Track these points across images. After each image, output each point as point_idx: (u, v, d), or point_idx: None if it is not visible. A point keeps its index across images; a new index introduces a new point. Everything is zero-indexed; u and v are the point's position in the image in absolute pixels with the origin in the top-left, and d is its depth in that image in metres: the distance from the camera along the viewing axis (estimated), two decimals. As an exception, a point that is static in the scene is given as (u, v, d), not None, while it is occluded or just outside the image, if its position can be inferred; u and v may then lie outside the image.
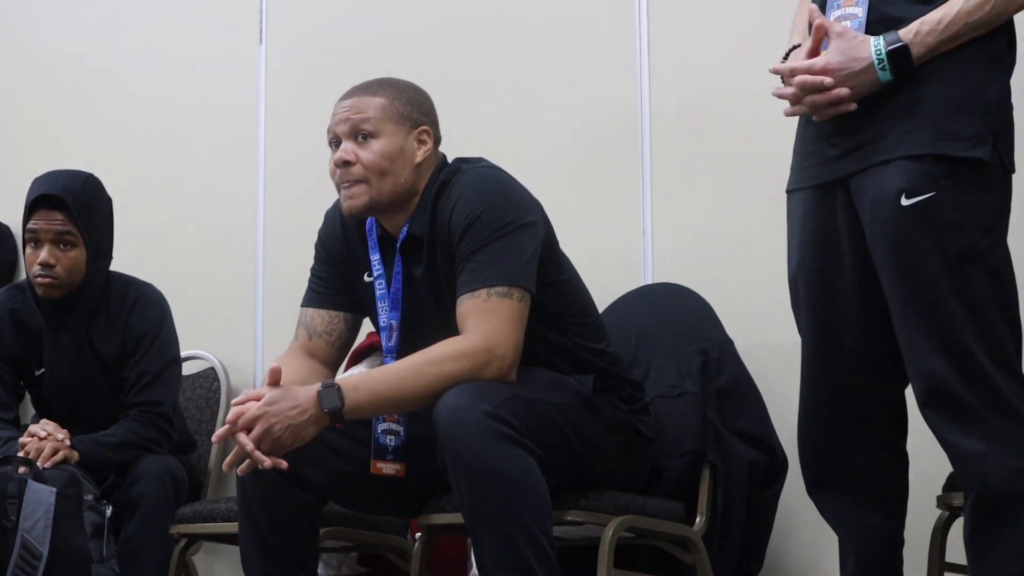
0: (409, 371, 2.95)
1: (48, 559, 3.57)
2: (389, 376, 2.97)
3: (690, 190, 4.11)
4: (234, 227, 4.82)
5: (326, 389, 2.90)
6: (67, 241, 3.87)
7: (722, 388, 3.58)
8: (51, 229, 3.86)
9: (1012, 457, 2.72)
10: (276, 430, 2.87)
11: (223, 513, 3.66)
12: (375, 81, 3.21)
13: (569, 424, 3.04)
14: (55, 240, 3.87)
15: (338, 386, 2.90)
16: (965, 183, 2.75)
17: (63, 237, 3.87)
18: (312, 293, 3.28)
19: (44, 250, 3.86)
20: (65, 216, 3.86)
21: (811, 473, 3.02)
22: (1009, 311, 2.79)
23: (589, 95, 4.30)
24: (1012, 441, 2.73)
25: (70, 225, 3.87)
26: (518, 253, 3.03)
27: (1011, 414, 2.73)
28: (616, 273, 4.04)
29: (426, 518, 3.20)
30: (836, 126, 2.86)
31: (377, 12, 4.71)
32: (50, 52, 5.28)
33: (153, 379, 3.95)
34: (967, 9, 2.74)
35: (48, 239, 3.87)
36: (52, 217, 3.86)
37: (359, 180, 3.11)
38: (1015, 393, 2.74)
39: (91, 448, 3.80)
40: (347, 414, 2.91)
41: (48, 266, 3.86)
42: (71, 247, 3.88)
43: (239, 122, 4.87)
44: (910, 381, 2.83)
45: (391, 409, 3.05)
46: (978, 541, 2.78)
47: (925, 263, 2.74)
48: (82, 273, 3.90)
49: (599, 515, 3.12)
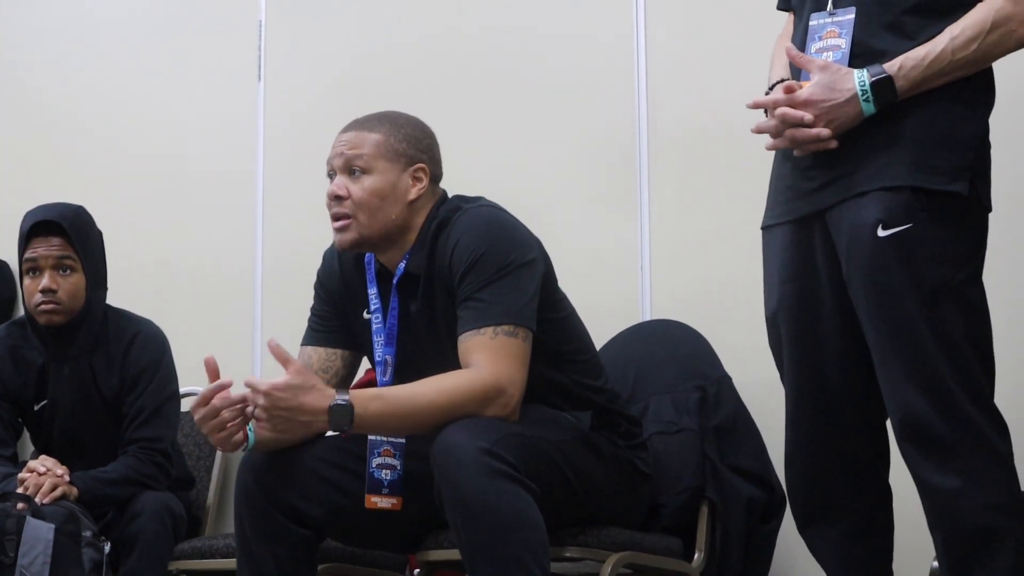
0: (420, 397, 2.94)
1: (47, 595, 3.57)
2: (399, 399, 2.95)
3: (688, 227, 4.12)
4: (232, 263, 4.83)
5: (339, 407, 2.87)
6: (67, 266, 3.89)
7: (720, 424, 3.59)
8: (50, 255, 3.88)
9: (988, 493, 2.72)
10: (278, 415, 2.86)
11: (221, 550, 3.67)
12: (375, 116, 3.23)
13: (567, 461, 3.04)
14: (55, 266, 3.89)
15: (351, 405, 2.88)
16: (942, 217, 2.75)
17: (63, 262, 3.89)
18: (311, 332, 3.29)
19: (45, 276, 3.88)
20: (63, 241, 3.89)
21: (800, 510, 3.02)
22: (983, 346, 2.79)
23: (587, 131, 4.31)
24: (988, 476, 2.72)
25: (69, 250, 3.89)
26: (521, 292, 3.04)
27: (986, 448, 2.73)
28: (614, 309, 4.05)
29: (424, 554, 3.20)
30: (813, 159, 2.86)
31: (375, 48, 4.73)
32: (45, 90, 5.31)
33: (151, 415, 3.95)
34: (953, 47, 2.75)
35: (48, 265, 3.89)
36: (51, 243, 3.89)
37: (349, 215, 3.12)
38: (990, 427, 2.74)
39: (90, 485, 3.80)
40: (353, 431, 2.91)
41: (50, 291, 3.87)
42: (71, 272, 3.90)
43: (238, 159, 4.89)
44: (889, 414, 2.83)
45: (394, 432, 3.05)
46: None
47: (901, 295, 2.74)
48: (82, 300, 3.92)
49: (597, 551, 3.12)
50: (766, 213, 3.00)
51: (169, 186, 5.00)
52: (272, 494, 3.06)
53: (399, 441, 3.12)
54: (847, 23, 2.84)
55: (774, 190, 2.99)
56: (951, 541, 2.75)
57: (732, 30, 4.12)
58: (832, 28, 2.86)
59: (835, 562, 2.98)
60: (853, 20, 2.83)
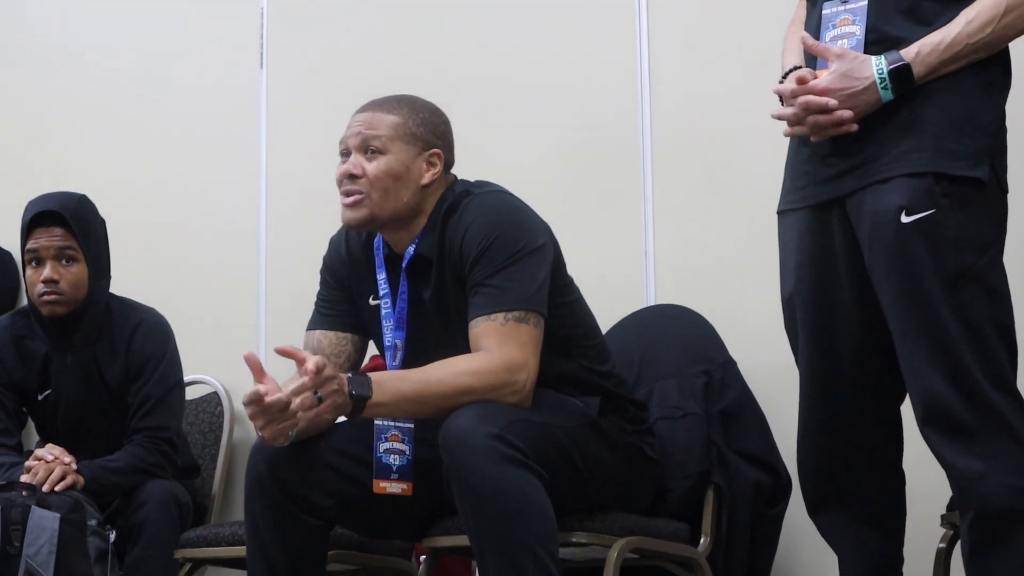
0: (432, 379, 2.94)
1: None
2: (413, 379, 2.95)
3: (692, 211, 4.11)
4: (236, 252, 4.83)
5: (357, 376, 2.89)
6: (69, 256, 3.89)
7: (725, 409, 3.59)
8: (52, 245, 3.88)
9: (1010, 475, 2.72)
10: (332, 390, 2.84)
11: (227, 537, 3.66)
12: (394, 98, 3.23)
13: (575, 446, 3.04)
14: (57, 256, 3.88)
15: (368, 378, 2.89)
16: (964, 202, 2.76)
17: (65, 252, 3.89)
18: (319, 316, 3.29)
19: (47, 267, 3.87)
20: (65, 231, 3.88)
21: (811, 494, 3.02)
22: (1005, 329, 2.80)
23: (590, 116, 4.31)
24: (1010, 459, 2.73)
25: (71, 240, 3.89)
26: (532, 278, 3.05)
27: (1009, 432, 2.74)
28: (618, 295, 4.05)
29: (431, 540, 3.20)
30: (833, 146, 2.86)
31: (377, 35, 4.72)
32: (47, 77, 5.29)
33: (157, 404, 3.95)
34: (968, 32, 2.75)
35: (50, 255, 3.88)
36: (52, 233, 3.88)
37: (361, 193, 3.12)
38: (1012, 411, 2.75)
39: (97, 473, 3.80)
40: (368, 407, 2.89)
41: (52, 282, 3.87)
42: (73, 262, 3.90)
43: (240, 146, 4.88)
44: (911, 399, 2.84)
45: (408, 412, 3.04)
46: (977, 561, 2.78)
47: (924, 281, 2.75)
48: (85, 289, 3.91)
49: (604, 536, 3.12)
50: (782, 198, 3.00)
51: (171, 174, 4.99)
52: (283, 483, 3.06)
53: (407, 425, 3.12)
54: (860, 10, 2.84)
55: (790, 175, 2.99)
56: (975, 522, 2.76)
57: (737, 16, 4.11)
58: (845, 16, 2.87)
59: (848, 546, 2.98)
60: (866, 7, 2.84)
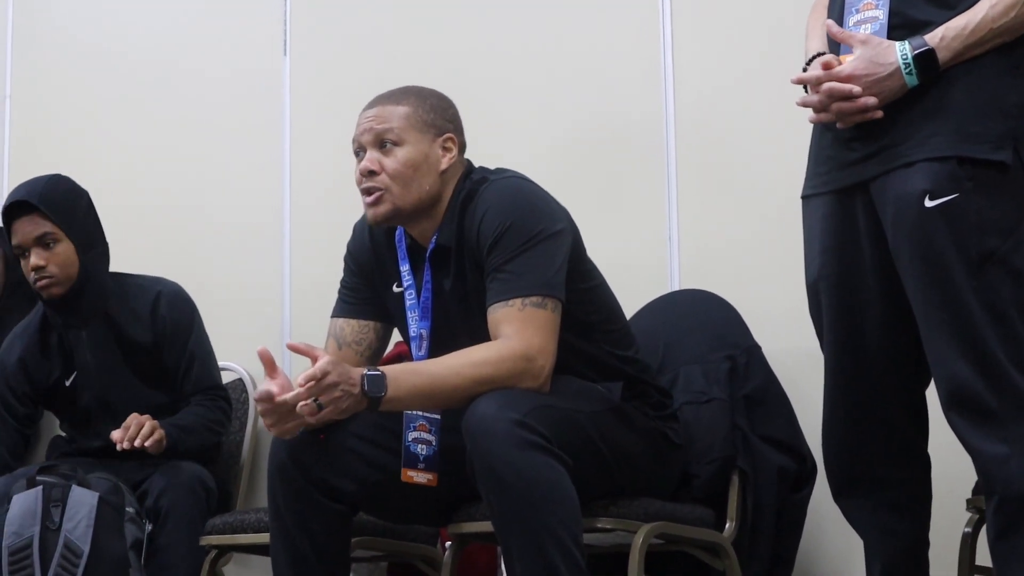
0: (449, 371, 2.95)
1: (88, 557, 3.60)
2: (429, 373, 2.96)
3: (715, 196, 4.11)
4: (260, 239, 4.83)
5: (372, 375, 2.89)
6: (50, 240, 3.92)
7: (750, 394, 3.58)
8: (30, 235, 3.92)
9: None
10: (333, 395, 2.84)
11: (253, 524, 3.66)
12: (399, 90, 3.23)
13: (598, 432, 3.04)
14: (38, 243, 3.92)
15: (384, 375, 2.90)
16: (987, 186, 2.75)
17: (44, 238, 3.92)
18: (342, 304, 3.30)
19: (32, 256, 3.91)
20: (38, 216, 3.91)
21: (836, 479, 3.02)
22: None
23: (614, 102, 4.30)
24: None
25: (46, 224, 3.91)
26: (549, 263, 3.04)
27: None
28: (642, 280, 4.04)
29: (456, 527, 3.21)
30: (856, 131, 2.85)
31: (400, 22, 4.72)
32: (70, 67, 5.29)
33: (203, 364, 4.02)
34: (992, 15, 2.74)
35: (31, 244, 3.92)
36: (27, 223, 3.92)
37: (383, 188, 3.12)
38: None
39: (175, 433, 3.85)
40: (384, 404, 2.91)
41: (39, 268, 3.91)
42: (56, 243, 3.92)
43: (264, 134, 4.88)
44: (935, 383, 2.83)
45: (425, 406, 3.06)
46: (1003, 545, 2.76)
47: (948, 265, 2.74)
48: (76, 265, 3.94)
49: (629, 522, 3.12)
50: (806, 183, 2.99)
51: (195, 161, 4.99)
52: (306, 470, 3.07)
53: (434, 416, 3.13)
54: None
55: (814, 160, 2.98)
56: (1000, 506, 2.75)
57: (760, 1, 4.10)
58: (868, 0, 2.86)
59: (874, 531, 2.98)
60: None
